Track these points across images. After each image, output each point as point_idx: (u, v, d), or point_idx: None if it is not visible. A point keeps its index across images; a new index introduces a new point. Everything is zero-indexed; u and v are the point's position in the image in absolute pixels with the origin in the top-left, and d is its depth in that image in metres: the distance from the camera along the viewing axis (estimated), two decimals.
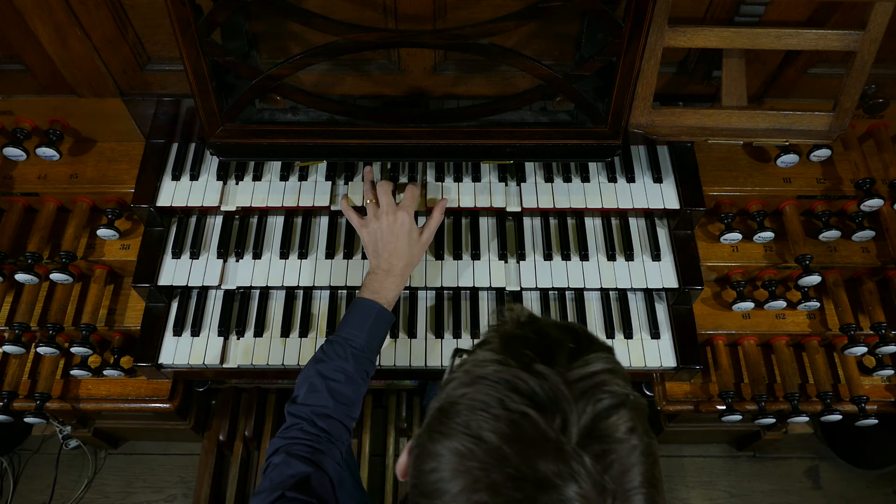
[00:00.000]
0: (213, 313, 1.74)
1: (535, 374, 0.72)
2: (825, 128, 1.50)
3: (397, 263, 1.50)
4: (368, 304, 1.44)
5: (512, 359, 0.75)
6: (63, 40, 1.44)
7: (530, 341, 0.78)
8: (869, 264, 1.81)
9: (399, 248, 1.51)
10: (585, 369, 0.73)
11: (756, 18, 1.44)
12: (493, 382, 0.72)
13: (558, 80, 1.38)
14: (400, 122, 1.47)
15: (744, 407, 1.83)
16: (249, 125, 1.47)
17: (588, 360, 0.74)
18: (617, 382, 0.74)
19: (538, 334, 0.79)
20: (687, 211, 1.69)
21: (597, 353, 0.76)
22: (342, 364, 1.37)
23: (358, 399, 1.38)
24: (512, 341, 0.79)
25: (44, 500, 2.43)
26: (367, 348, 1.41)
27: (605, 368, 0.74)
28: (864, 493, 2.54)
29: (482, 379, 0.74)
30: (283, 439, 1.29)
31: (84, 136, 1.78)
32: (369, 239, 1.54)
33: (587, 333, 0.82)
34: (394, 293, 1.49)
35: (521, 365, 0.73)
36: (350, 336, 1.41)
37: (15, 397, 1.76)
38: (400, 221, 1.52)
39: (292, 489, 1.15)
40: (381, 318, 1.45)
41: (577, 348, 0.77)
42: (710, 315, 1.84)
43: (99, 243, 1.79)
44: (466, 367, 0.78)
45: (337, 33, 1.30)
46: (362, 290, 1.48)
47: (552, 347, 0.76)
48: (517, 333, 0.80)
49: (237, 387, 2.33)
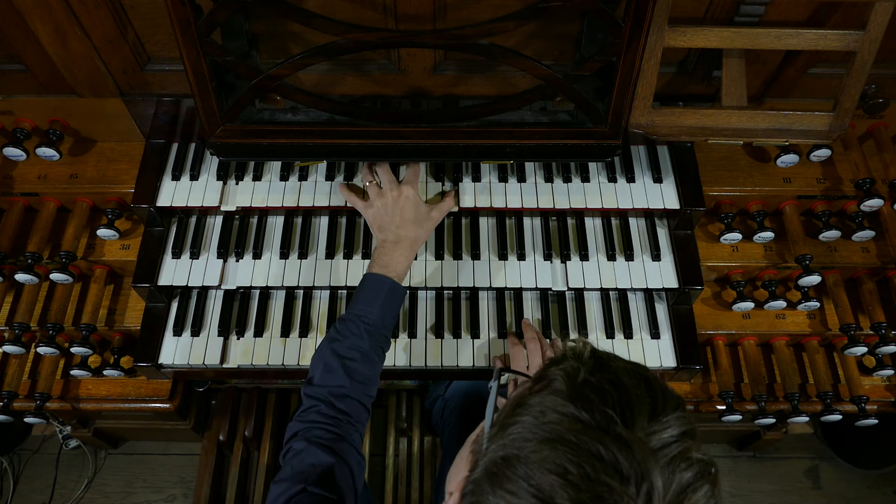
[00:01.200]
0: (213, 313, 1.74)
1: (617, 439, 0.67)
2: (825, 128, 1.50)
3: (405, 235, 1.49)
4: (379, 279, 1.42)
5: (587, 412, 0.70)
6: (63, 40, 1.44)
7: (605, 393, 0.72)
8: (869, 264, 1.81)
9: (406, 219, 1.49)
10: (666, 434, 0.70)
11: (756, 18, 1.44)
12: (573, 446, 0.67)
13: (558, 80, 1.38)
14: (400, 122, 1.47)
15: (744, 407, 1.83)
16: (249, 125, 1.47)
17: (668, 423, 0.71)
18: (697, 447, 0.70)
19: (612, 384, 0.74)
20: (687, 211, 1.69)
21: (672, 409, 0.73)
22: (357, 342, 1.34)
23: (375, 377, 1.36)
24: (583, 390, 0.73)
25: (44, 500, 2.43)
26: (381, 324, 1.39)
27: (684, 431, 0.71)
28: (864, 493, 2.54)
29: (558, 440, 0.68)
30: (301, 423, 1.26)
31: (84, 136, 1.78)
32: (374, 217, 1.52)
33: (657, 380, 0.78)
34: (404, 266, 1.47)
35: (601, 426, 0.69)
36: (363, 312, 1.39)
37: (15, 397, 1.76)
38: (405, 195, 1.51)
39: (315, 484, 1.13)
40: (393, 292, 1.43)
41: (653, 403, 0.73)
42: (710, 315, 1.84)
43: (99, 243, 1.79)
44: (533, 412, 0.73)
45: (337, 33, 1.30)
46: (371, 265, 1.47)
47: (631, 404, 0.71)
48: (589, 381, 0.74)
49: (237, 387, 2.33)
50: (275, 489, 1.14)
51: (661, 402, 0.73)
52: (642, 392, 0.74)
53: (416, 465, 2.27)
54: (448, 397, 2.01)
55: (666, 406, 0.73)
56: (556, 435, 0.69)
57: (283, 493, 1.13)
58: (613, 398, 0.72)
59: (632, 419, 0.70)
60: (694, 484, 0.68)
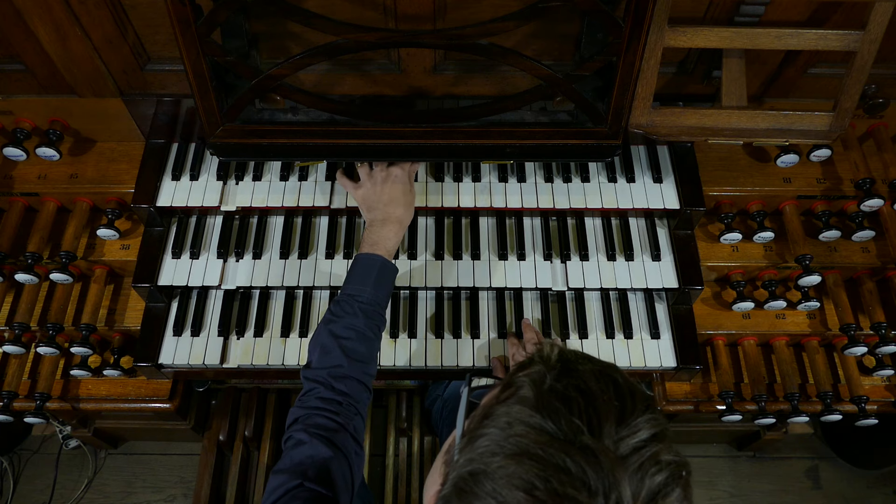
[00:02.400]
0: (213, 313, 1.74)
1: (584, 450, 0.67)
2: (825, 128, 1.50)
3: (393, 213, 1.50)
4: (370, 258, 1.43)
5: (553, 423, 0.69)
6: (63, 40, 1.44)
7: (571, 401, 0.72)
8: (869, 264, 1.81)
9: (395, 197, 1.51)
10: (636, 439, 0.69)
11: (756, 18, 1.44)
12: (539, 460, 0.67)
13: (558, 80, 1.38)
14: (400, 122, 1.47)
15: (744, 407, 1.83)
16: (249, 125, 1.47)
17: (637, 427, 0.70)
18: (667, 449, 0.70)
19: (579, 391, 0.73)
20: (687, 211, 1.69)
21: (642, 411, 0.72)
22: (352, 321, 1.35)
23: (372, 355, 1.36)
24: (549, 399, 0.72)
25: (44, 500, 2.43)
26: (375, 301, 1.40)
27: (654, 434, 0.70)
28: (864, 493, 2.54)
29: (525, 454, 0.68)
30: (302, 409, 1.26)
31: (84, 136, 1.78)
32: (364, 197, 1.54)
33: (626, 382, 0.77)
34: (393, 242, 1.48)
35: (568, 437, 0.68)
36: (356, 292, 1.39)
37: (15, 397, 1.76)
38: (394, 174, 1.53)
39: (313, 480, 1.13)
40: (385, 270, 1.44)
41: (622, 407, 0.72)
42: (710, 315, 1.84)
43: (99, 243, 1.79)
44: (500, 423, 0.72)
45: (337, 33, 1.30)
46: (361, 245, 1.48)
47: (598, 411, 0.71)
48: (556, 388, 0.74)
49: (237, 387, 2.33)
50: (273, 480, 1.14)
51: (630, 405, 0.73)
52: (610, 396, 0.73)
53: (416, 465, 2.27)
54: (447, 397, 2.01)
55: (635, 409, 0.73)
56: (523, 449, 0.69)
57: (280, 485, 1.13)
58: (580, 406, 0.71)
59: (599, 427, 0.69)
60: (665, 489, 0.68)
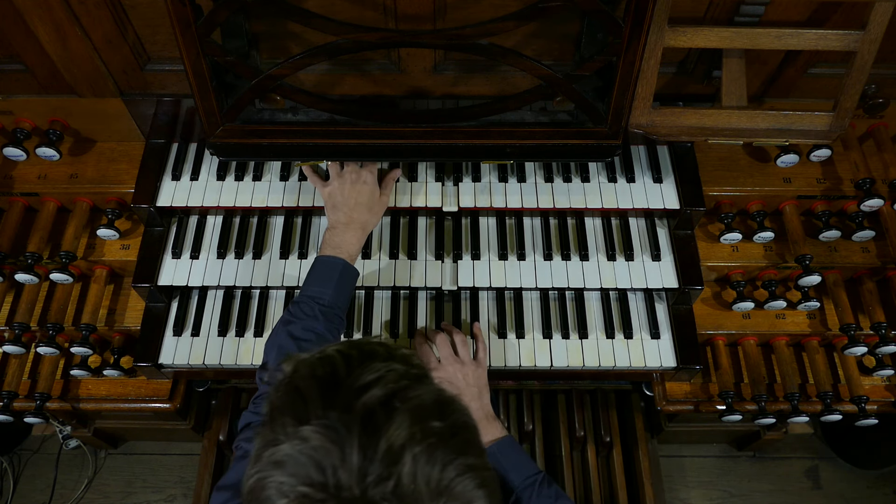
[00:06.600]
0: (213, 313, 1.74)
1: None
2: (825, 128, 1.50)
3: (357, 217, 1.50)
4: (332, 261, 1.43)
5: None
6: (63, 40, 1.44)
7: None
8: (869, 264, 1.81)
9: (360, 202, 1.51)
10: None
11: (756, 18, 1.44)
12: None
13: (558, 80, 1.38)
14: (400, 122, 1.47)
15: (744, 407, 1.83)
16: (249, 125, 1.47)
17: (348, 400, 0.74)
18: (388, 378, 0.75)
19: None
20: (687, 211, 1.69)
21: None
22: (312, 323, 1.34)
23: None
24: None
25: (44, 500, 2.43)
26: (335, 304, 1.39)
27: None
28: (864, 493, 2.54)
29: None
30: (255, 414, 1.24)
31: (84, 136, 1.78)
32: (330, 195, 1.53)
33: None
34: (356, 247, 1.48)
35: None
36: (316, 294, 1.38)
37: (15, 397, 1.76)
38: (363, 178, 1.53)
39: None
40: (346, 273, 1.43)
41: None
42: (710, 315, 1.84)
43: (99, 243, 1.79)
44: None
45: (337, 33, 1.30)
46: (322, 247, 1.47)
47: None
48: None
49: (237, 387, 2.33)
50: (216, 497, 1.09)
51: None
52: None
53: None
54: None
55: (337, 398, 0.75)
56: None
57: (223, 503, 1.08)
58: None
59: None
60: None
